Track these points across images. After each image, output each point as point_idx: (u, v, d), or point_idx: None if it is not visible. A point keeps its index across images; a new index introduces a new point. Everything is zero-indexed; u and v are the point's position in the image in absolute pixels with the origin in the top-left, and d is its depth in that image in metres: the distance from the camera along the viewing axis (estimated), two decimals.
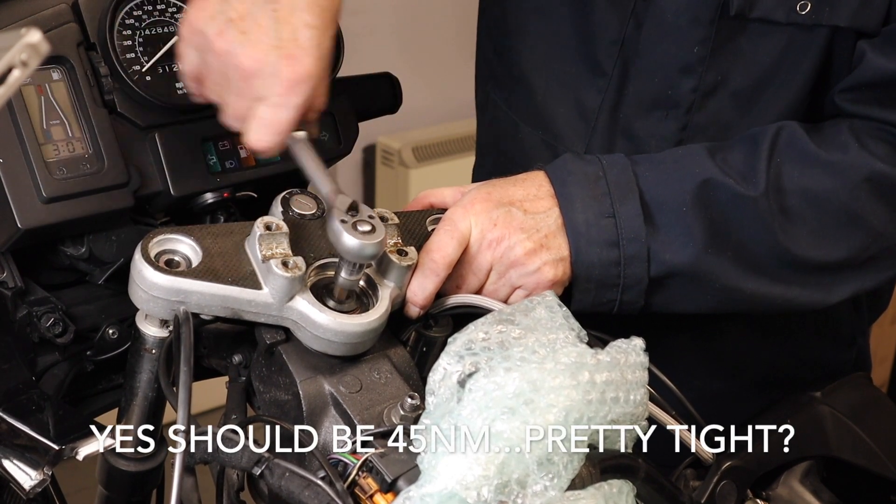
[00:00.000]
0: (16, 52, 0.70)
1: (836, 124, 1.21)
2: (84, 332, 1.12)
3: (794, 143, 1.17)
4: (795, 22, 1.21)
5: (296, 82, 0.98)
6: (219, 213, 1.16)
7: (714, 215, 1.14)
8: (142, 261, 0.97)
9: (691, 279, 1.16)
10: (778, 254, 1.16)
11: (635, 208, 1.13)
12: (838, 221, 1.18)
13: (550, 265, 1.12)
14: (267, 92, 0.98)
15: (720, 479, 1.10)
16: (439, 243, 1.07)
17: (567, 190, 1.13)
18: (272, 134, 1.00)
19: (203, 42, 0.99)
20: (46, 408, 1.03)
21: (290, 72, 0.98)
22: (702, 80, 1.26)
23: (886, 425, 1.30)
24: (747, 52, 1.25)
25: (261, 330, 1.00)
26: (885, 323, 3.50)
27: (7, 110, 1.01)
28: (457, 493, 0.80)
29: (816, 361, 1.47)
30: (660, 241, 1.14)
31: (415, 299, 1.06)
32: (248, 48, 0.97)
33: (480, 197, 1.11)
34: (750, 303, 1.20)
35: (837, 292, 1.22)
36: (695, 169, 1.15)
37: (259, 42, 0.97)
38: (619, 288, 1.14)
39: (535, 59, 1.38)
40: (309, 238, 1.04)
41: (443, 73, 3.18)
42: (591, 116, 1.33)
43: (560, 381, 0.85)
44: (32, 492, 0.97)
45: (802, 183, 1.16)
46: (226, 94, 1.01)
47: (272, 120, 0.99)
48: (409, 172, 3.37)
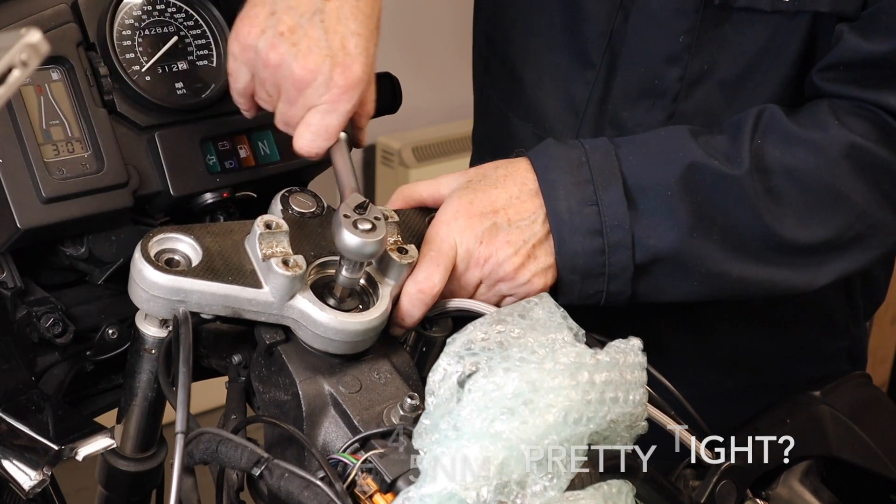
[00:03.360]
0: (16, 52, 0.70)
1: (816, 104, 1.22)
2: (84, 332, 1.12)
3: (775, 123, 1.18)
4: (779, 10, 1.22)
5: (346, 88, 1.04)
6: (218, 213, 1.16)
7: (699, 198, 1.14)
8: (142, 260, 0.97)
9: (677, 264, 1.15)
10: (764, 235, 1.16)
11: (618, 195, 1.13)
12: (822, 200, 1.18)
13: (540, 275, 1.12)
14: (319, 100, 1.04)
15: (720, 478, 1.10)
16: (426, 273, 1.06)
17: (550, 177, 1.13)
18: (322, 139, 1.06)
19: (254, 57, 1.05)
20: (46, 408, 1.03)
21: (342, 79, 1.03)
22: (687, 70, 1.27)
23: (886, 425, 1.30)
24: (732, 41, 1.25)
25: (260, 330, 1.00)
26: (885, 323, 3.50)
27: (6, 110, 1.01)
28: (456, 494, 0.80)
29: (809, 351, 1.47)
30: (644, 227, 1.13)
31: (402, 324, 1.06)
32: (301, 59, 1.02)
33: (462, 210, 1.10)
34: (736, 287, 1.20)
35: (824, 274, 1.21)
36: (679, 153, 1.15)
37: (310, 53, 1.03)
38: (604, 278, 1.14)
39: (525, 52, 1.39)
40: (309, 236, 1.04)
41: (443, 73, 3.18)
42: (580, 108, 1.34)
43: (559, 381, 0.85)
44: (32, 492, 0.97)
45: (785, 162, 1.16)
46: (277, 103, 1.06)
47: (323, 125, 1.05)
48: (409, 172, 3.37)
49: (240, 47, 1.06)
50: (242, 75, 1.07)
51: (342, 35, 1.03)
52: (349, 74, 1.03)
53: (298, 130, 1.06)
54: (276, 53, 1.03)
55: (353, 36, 1.04)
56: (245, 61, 1.06)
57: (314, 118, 1.05)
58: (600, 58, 1.31)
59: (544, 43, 1.36)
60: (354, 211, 0.98)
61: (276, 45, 1.03)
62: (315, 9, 1.03)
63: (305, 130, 1.05)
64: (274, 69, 1.04)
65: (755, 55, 1.26)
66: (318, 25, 1.03)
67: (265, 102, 1.09)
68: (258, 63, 1.04)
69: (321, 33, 1.03)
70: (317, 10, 1.03)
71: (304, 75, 1.02)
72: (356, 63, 1.04)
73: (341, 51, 1.03)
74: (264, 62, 1.04)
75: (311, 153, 1.06)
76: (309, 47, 1.02)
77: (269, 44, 1.03)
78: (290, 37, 1.03)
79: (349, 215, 0.97)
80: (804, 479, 1.20)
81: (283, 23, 1.03)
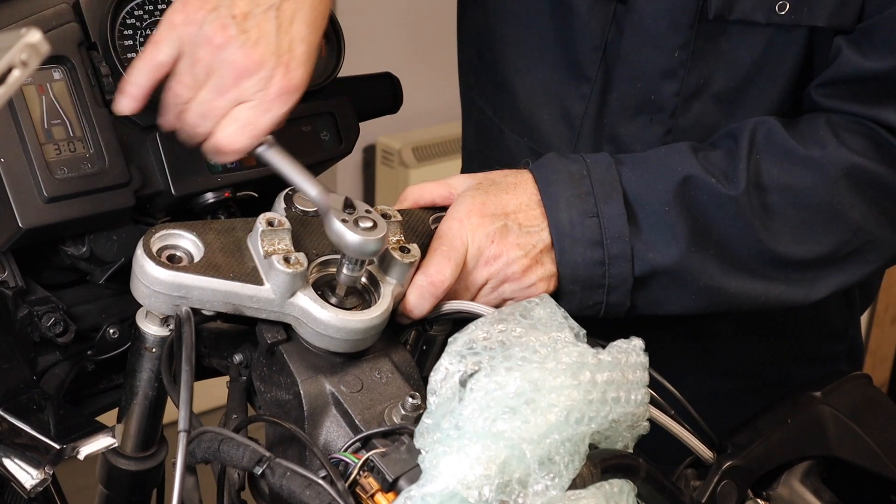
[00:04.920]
0: (16, 51, 0.70)
1: (813, 119, 1.22)
2: (85, 331, 1.12)
3: (773, 139, 1.18)
4: (775, 23, 1.21)
5: (286, 91, 1.00)
6: (219, 212, 1.16)
7: (696, 214, 1.15)
8: (144, 256, 0.97)
9: (676, 278, 1.16)
10: (760, 252, 1.17)
11: (619, 208, 1.13)
12: (819, 217, 1.18)
13: (544, 281, 1.12)
14: (254, 95, 0.99)
15: (720, 478, 1.10)
16: (437, 266, 1.06)
17: (551, 189, 1.13)
18: (248, 136, 1.00)
19: (196, 33, 0.99)
20: (47, 407, 1.03)
21: (284, 80, 0.99)
22: (684, 84, 1.26)
23: (886, 425, 1.30)
24: (728, 55, 1.25)
25: (262, 329, 1.00)
26: (885, 323, 3.50)
27: (8, 110, 1.01)
28: (458, 493, 0.80)
29: (809, 355, 1.47)
30: (643, 241, 1.14)
31: (410, 314, 1.06)
32: (248, 48, 0.98)
33: (476, 209, 1.10)
34: (734, 301, 1.20)
35: (820, 288, 1.22)
36: (677, 167, 1.16)
37: (258, 44, 0.99)
38: (604, 289, 1.14)
39: (518, 65, 1.38)
40: (311, 234, 1.04)
41: (443, 73, 3.17)
42: (576, 122, 1.33)
43: (561, 380, 0.85)
44: (34, 491, 0.97)
45: (782, 180, 1.17)
46: (202, 89, 1.00)
47: (251, 121, 1.00)
48: (409, 172, 3.38)
49: (183, 18, 0.99)
50: (169, 48, 1.00)
51: (292, 37, 1.00)
52: (291, 77, 1.00)
53: (222, 123, 1.00)
54: (223, 34, 0.98)
55: (301, 42, 1.01)
56: (182, 34, 0.99)
57: (244, 112, 0.99)
58: (595, 72, 1.30)
59: (537, 56, 1.35)
60: (345, 211, 0.97)
61: (225, 27, 0.98)
62: (271, 4, 1.00)
63: (231, 124, 1.00)
64: (215, 49, 0.98)
65: (751, 68, 1.25)
66: (271, 20, 1.00)
67: (183, 87, 1.01)
68: (199, 40, 0.99)
69: (273, 28, 0.99)
70: (272, 6, 1.00)
71: (248, 65, 0.98)
72: (300, 69, 1.01)
73: (288, 52, 1.00)
74: (207, 39, 0.98)
75: (229, 148, 1.00)
76: (258, 38, 0.99)
77: (219, 23, 0.98)
78: (242, 23, 0.98)
79: (346, 218, 0.97)
80: (805, 479, 1.20)
81: (238, 6, 0.99)
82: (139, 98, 1.04)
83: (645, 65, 1.27)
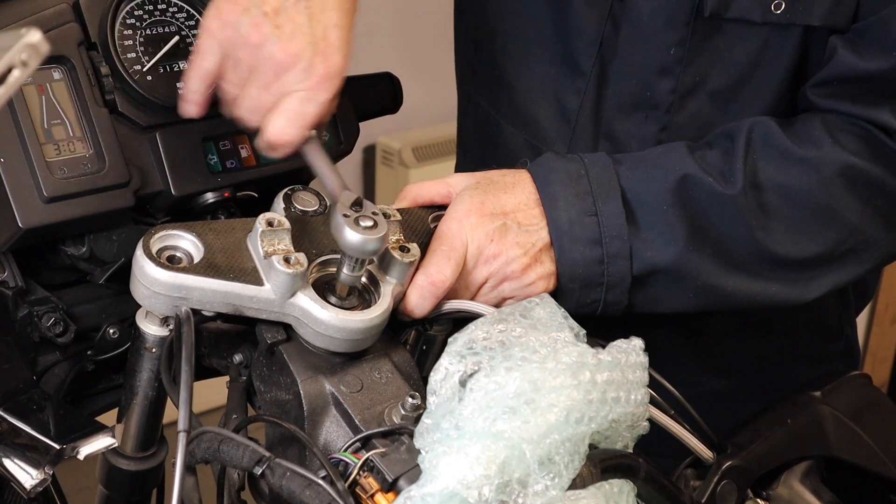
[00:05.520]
0: (16, 52, 0.70)
1: (809, 119, 1.22)
2: (85, 331, 1.12)
3: (769, 139, 1.18)
4: (770, 21, 1.22)
5: (326, 77, 1.02)
6: (219, 212, 1.16)
7: (694, 213, 1.15)
8: (143, 257, 0.97)
9: (673, 277, 1.16)
10: (756, 251, 1.17)
11: (617, 207, 1.14)
12: (814, 217, 1.19)
13: (544, 279, 1.12)
14: (297, 86, 1.01)
15: (720, 478, 1.10)
16: (438, 266, 1.06)
17: (550, 189, 1.14)
18: (297, 126, 1.02)
19: (233, 35, 1.02)
20: (47, 407, 1.03)
21: (323, 67, 1.01)
22: (680, 81, 1.27)
23: (886, 425, 1.30)
24: (724, 53, 1.25)
25: (262, 329, 1.00)
26: (885, 323, 3.50)
27: (8, 110, 1.01)
28: (458, 493, 0.80)
29: (805, 354, 1.48)
30: (642, 240, 1.14)
31: (411, 314, 1.06)
32: (284, 42, 1.00)
33: (475, 208, 1.11)
34: (731, 300, 1.20)
35: (815, 287, 1.22)
36: (675, 167, 1.16)
37: (294, 37, 1.01)
38: (602, 287, 1.15)
39: (515, 59, 1.38)
40: (311, 234, 1.04)
41: (443, 73, 3.17)
42: (572, 117, 1.34)
43: (561, 380, 0.85)
44: (33, 491, 0.97)
45: (778, 179, 1.17)
46: (248, 86, 1.03)
47: (299, 112, 1.02)
48: (409, 172, 3.38)
49: (220, 24, 1.02)
50: (213, 55, 1.04)
51: (325, 25, 1.02)
52: (330, 64, 1.02)
53: (271, 117, 1.02)
54: (258, 33, 1.00)
55: (335, 27, 1.03)
56: (222, 39, 1.02)
57: (290, 104, 1.02)
58: (590, 67, 1.31)
59: (533, 50, 1.36)
60: (352, 209, 0.98)
61: (259, 25, 1.00)
62: None
63: (279, 116, 1.02)
64: (254, 49, 1.01)
65: (747, 66, 1.26)
66: (302, 11, 1.01)
67: (232, 86, 1.04)
68: (237, 41, 1.01)
69: (305, 19, 1.01)
70: None
71: (286, 59, 1.00)
72: (337, 54, 1.03)
73: (323, 40, 1.02)
74: (244, 40, 1.01)
75: (281, 140, 1.03)
76: (293, 31, 1.01)
77: (253, 22, 1.00)
78: (275, 18, 1.00)
79: (348, 214, 0.97)
80: (805, 479, 1.20)
81: (268, 3, 1.01)
82: (201, 103, 1.08)
83: (641, 61, 1.28)
